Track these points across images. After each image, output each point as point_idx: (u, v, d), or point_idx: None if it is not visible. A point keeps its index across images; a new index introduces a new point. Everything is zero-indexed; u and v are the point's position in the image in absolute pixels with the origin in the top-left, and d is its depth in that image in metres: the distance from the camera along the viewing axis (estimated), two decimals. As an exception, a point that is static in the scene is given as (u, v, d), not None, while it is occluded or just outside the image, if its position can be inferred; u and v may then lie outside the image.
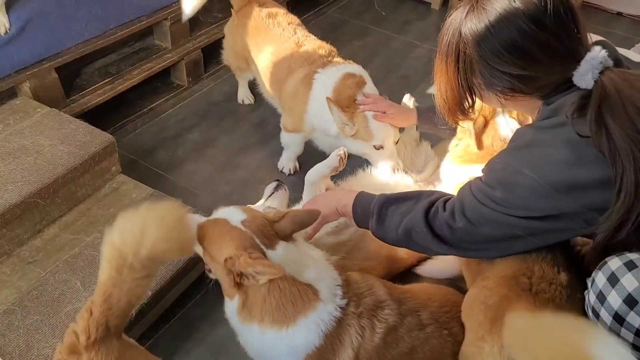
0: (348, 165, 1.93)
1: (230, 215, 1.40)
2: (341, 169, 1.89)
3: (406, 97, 2.24)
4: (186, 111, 2.83)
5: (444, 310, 1.51)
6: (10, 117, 2.15)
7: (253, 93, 2.85)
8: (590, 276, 1.25)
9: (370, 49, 3.40)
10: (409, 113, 2.11)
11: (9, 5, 2.22)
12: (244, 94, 2.88)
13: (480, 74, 1.34)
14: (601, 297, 1.18)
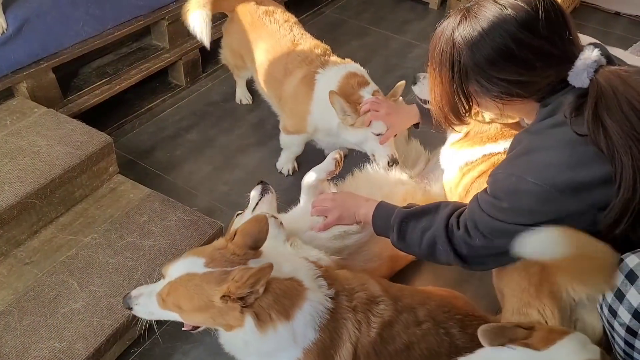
0: (345, 167, 1.92)
1: (190, 267, 1.34)
2: (337, 172, 1.90)
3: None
4: (184, 111, 2.82)
5: (443, 310, 1.51)
6: (7, 117, 2.15)
7: (251, 93, 2.85)
8: None
9: (369, 48, 3.40)
10: (409, 114, 2.11)
11: (6, 5, 2.21)
12: (242, 94, 2.87)
13: (476, 81, 1.34)
14: (619, 295, 1.18)
